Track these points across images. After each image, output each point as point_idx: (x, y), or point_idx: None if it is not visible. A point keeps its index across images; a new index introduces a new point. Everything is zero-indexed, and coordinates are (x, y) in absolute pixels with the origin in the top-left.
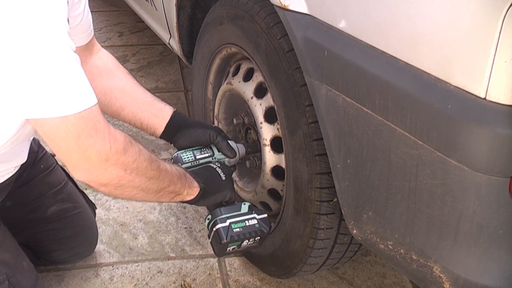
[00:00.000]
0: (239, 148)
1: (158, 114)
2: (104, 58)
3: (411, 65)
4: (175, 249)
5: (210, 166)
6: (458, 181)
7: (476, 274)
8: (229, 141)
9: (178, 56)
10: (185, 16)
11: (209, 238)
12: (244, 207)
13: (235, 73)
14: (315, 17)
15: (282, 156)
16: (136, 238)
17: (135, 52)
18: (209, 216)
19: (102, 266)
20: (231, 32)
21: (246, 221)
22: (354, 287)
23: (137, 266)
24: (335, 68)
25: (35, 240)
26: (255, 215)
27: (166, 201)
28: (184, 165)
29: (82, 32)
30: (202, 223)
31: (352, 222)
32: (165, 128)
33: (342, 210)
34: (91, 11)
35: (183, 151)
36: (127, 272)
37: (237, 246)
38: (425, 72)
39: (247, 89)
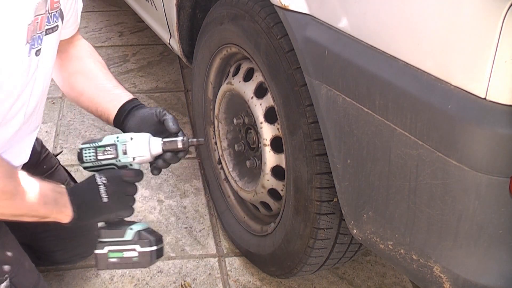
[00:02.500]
0: (155, 144)
1: (114, 99)
2: (79, 46)
3: (411, 65)
4: (175, 249)
5: (95, 182)
6: (458, 181)
7: (476, 274)
8: (152, 137)
9: (178, 56)
10: (185, 16)
11: None
12: (129, 234)
13: (235, 73)
14: (315, 17)
15: (282, 156)
16: None
17: (135, 52)
18: (97, 232)
19: None
20: (231, 32)
21: (125, 252)
22: (354, 287)
23: None
24: (335, 68)
25: (36, 240)
26: (137, 246)
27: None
28: (84, 165)
29: (71, 26)
30: (202, 223)
31: (352, 222)
32: (117, 112)
33: (342, 210)
34: (91, 11)
35: (87, 145)
36: (127, 272)
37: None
38: (425, 72)
39: (247, 89)
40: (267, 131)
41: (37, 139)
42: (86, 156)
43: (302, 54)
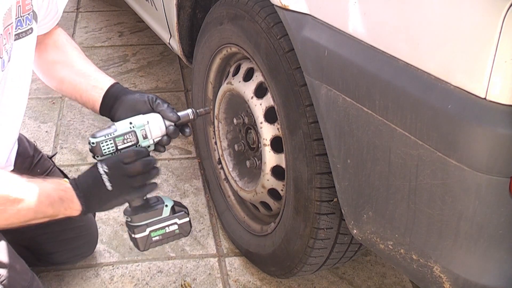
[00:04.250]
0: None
1: (97, 84)
2: (56, 35)
3: (411, 65)
4: (175, 249)
5: (98, 172)
6: (458, 181)
7: (476, 274)
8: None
9: (178, 56)
10: (185, 16)
11: (129, 236)
12: (166, 210)
13: (235, 73)
14: (315, 17)
15: (282, 156)
16: None
17: (135, 52)
18: (128, 218)
19: (102, 266)
20: (231, 32)
21: (167, 227)
22: (354, 287)
23: (137, 266)
24: (335, 68)
25: (35, 242)
26: (176, 220)
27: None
28: (102, 158)
29: (48, 22)
30: (202, 223)
31: (352, 222)
32: (102, 99)
33: (342, 210)
34: (91, 11)
35: (102, 137)
36: (127, 272)
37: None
38: (425, 72)
39: (247, 89)
40: (267, 131)
41: (29, 143)
42: (105, 149)
43: (302, 54)
